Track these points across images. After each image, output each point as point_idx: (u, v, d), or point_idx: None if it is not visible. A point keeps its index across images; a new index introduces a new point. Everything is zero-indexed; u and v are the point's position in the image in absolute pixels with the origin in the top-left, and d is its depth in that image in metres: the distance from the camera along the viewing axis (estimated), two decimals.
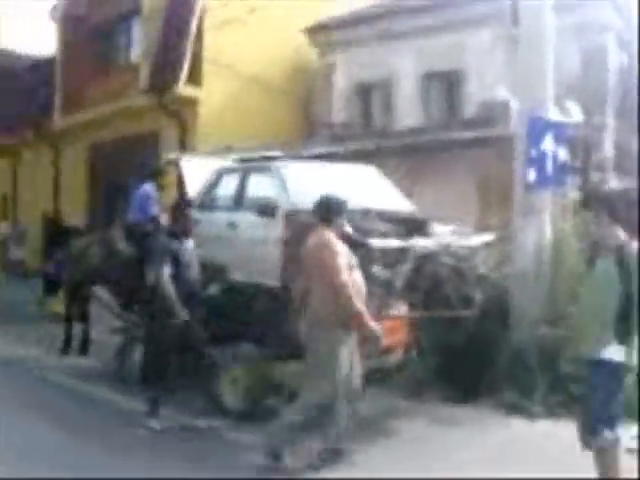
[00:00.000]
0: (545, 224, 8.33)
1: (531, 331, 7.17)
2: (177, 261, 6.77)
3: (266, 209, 7.11)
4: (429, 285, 6.55)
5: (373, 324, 5.41)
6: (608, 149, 12.93)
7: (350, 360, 5.46)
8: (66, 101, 18.01)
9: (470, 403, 6.99)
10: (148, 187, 9.21)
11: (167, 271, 6.64)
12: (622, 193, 5.78)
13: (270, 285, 7.02)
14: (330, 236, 5.53)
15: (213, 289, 7.83)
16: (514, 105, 10.76)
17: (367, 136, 13.72)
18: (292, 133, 15.24)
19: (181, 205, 7.59)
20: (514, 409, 6.70)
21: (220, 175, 8.37)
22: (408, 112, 15.20)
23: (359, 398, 5.78)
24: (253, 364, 6.88)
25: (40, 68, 20.00)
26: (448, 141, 11.84)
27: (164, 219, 9.01)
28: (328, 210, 5.69)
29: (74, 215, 16.33)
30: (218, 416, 6.79)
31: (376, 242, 6.23)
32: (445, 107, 15.15)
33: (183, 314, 6.62)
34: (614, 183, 12.18)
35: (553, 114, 8.80)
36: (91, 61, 17.75)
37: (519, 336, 7.21)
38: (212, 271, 7.83)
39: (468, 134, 11.95)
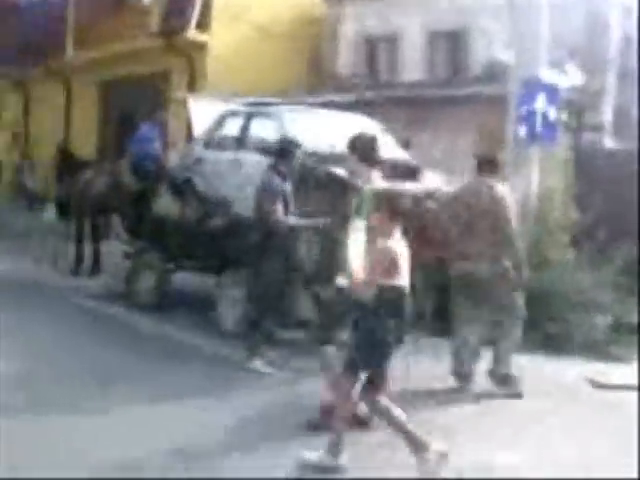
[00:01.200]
0: (533, 176, 8.92)
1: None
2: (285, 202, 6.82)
3: (268, 149, 7.60)
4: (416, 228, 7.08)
5: None
6: (607, 112, 13.32)
7: None
8: (78, 38, 18.29)
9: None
10: (147, 127, 9.67)
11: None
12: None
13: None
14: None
15: (217, 220, 8.39)
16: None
17: (371, 87, 14.13)
18: (298, 81, 15.58)
19: None
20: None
21: (224, 117, 8.83)
22: (413, 67, 15.53)
23: None
24: None
25: (51, 3, 20.22)
26: (449, 96, 12.27)
27: (170, 156, 9.60)
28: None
29: (85, 150, 16.74)
30: None
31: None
32: (449, 65, 15.48)
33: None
34: (609, 144, 12.67)
35: (547, 75, 9.29)
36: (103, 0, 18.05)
37: None
38: (217, 205, 8.39)
39: (468, 90, 12.43)
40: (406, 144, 9.57)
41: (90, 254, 10.49)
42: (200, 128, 9.34)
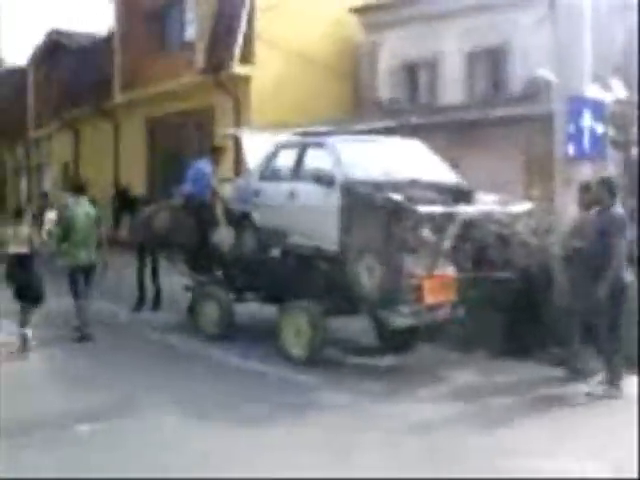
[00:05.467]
0: None
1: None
2: None
3: (324, 179, 7.83)
4: (474, 248, 7.26)
5: None
6: None
7: None
8: (124, 78, 18.93)
9: (516, 357, 7.73)
10: (203, 163, 9.98)
11: None
12: None
13: (329, 248, 7.77)
14: None
15: (275, 251, 8.65)
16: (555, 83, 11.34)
17: (414, 112, 14.32)
18: (341, 109, 15.88)
19: None
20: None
21: (278, 149, 9.07)
22: (453, 89, 15.70)
23: None
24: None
25: (98, 47, 20.95)
26: (493, 117, 12.39)
27: (226, 190, 9.89)
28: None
29: (134, 186, 17.20)
30: None
31: (424, 208, 6.92)
32: (489, 85, 15.62)
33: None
34: None
35: (591, 91, 9.38)
36: (147, 41, 18.62)
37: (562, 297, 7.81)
38: (273, 235, 8.64)
39: (511, 110, 12.54)
40: (454, 167, 9.74)
41: (152, 289, 10.79)
42: (253, 161, 9.61)
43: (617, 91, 12.17)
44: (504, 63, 15.25)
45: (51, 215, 13.99)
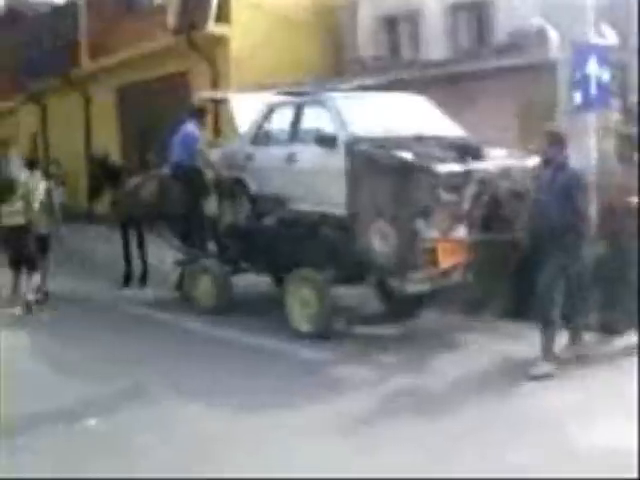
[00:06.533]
0: (590, 145, 8.61)
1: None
2: None
3: (326, 140, 7.34)
4: (489, 208, 6.84)
5: None
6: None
7: None
8: (92, 46, 18.11)
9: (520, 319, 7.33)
10: (191, 126, 9.36)
11: None
12: None
13: (336, 213, 7.30)
14: None
15: (273, 219, 8.17)
16: (551, 32, 10.94)
17: (397, 68, 13.82)
18: (322, 68, 15.30)
19: None
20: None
21: (271, 110, 8.55)
22: (436, 44, 15.21)
23: None
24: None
25: (62, 14, 20.02)
26: (485, 68, 11.96)
27: (215, 156, 9.32)
28: None
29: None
30: None
31: (441, 167, 6.48)
32: (474, 38, 15.14)
33: None
34: None
35: (594, 38, 8.98)
36: (114, 5, 17.80)
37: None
38: (271, 202, 8.15)
39: (502, 62, 12.10)
40: None
41: (139, 264, 10.27)
42: (244, 123, 9.07)
43: (610, 37, 11.82)
44: (487, 15, 14.77)
45: None
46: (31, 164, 10.14)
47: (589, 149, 8.62)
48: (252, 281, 9.14)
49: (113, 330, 8.11)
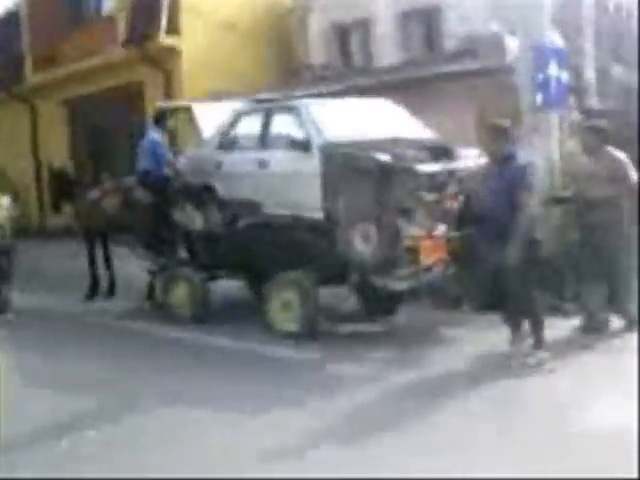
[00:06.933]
0: (554, 143, 8.89)
1: (555, 239, 7.65)
2: None
3: (300, 144, 7.36)
4: (465, 205, 6.95)
5: None
6: (589, 74, 13.44)
7: None
8: (37, 58, 17.75)
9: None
10: (155, 134, 9.28)
11: None
12: None
13: (311, 217, 7.31)
14: None
15: (246, 224, 8.14)
16: (506, 37, 11.20)
17: (349, 75, 13.92)
18: (273, 76, 15.32)
19: None
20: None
21: (238, 116, 8.52)
22: (387, 51, 15.39)
23: None
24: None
25: (3, 25, 19.55)
26: (439, 74, 12.12)
27: (181, 163, 9.25)
28: None
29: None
30: None
31: (421, 167, 6.56)
32: (424, 44, 15.36)
33: None
34: (597, 105, 12.78)
35: (554, 41, 9.27)
36: (59, 16, 17.48)
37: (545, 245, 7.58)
38: (244, 207, 8.11)
39: (456, 66, 12.29)
40: None
41: (105, 276, 10.08)
42: (207, 130, 9.03)
43: (557, 41, 12.18)
44: (437, 21, 15.02)
45: None
46: None
47: (553, 146, 8.96)
48: (226, 287, 9.06)
49: (79, 342, 7.95)
